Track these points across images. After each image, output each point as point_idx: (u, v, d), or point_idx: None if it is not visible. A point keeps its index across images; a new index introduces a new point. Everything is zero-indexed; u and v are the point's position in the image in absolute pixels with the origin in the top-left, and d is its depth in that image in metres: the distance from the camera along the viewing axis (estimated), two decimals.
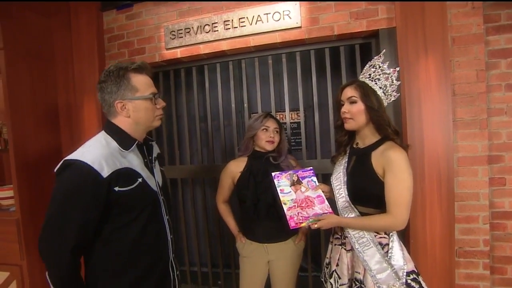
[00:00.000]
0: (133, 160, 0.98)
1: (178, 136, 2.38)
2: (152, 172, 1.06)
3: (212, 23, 1.99)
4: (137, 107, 0.98)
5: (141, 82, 0.98)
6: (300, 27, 1.87)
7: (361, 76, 1.25)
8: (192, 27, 2.04)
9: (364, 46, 1.95)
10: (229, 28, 1.97)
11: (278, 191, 1.27)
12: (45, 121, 2.17)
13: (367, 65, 1.25)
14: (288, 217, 1.18)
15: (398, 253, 1.10)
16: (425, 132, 1.68)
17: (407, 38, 1.68)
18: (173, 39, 2.09)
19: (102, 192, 0.87)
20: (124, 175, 0.92)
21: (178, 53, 2.11)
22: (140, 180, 0.97)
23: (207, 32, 2.01)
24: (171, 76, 2.31)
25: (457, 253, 1.73)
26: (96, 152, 0.89)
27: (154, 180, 1.05)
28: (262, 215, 1.54)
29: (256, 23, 1.92)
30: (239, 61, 2.16)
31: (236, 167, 1.62)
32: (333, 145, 2.01)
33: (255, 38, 1.96)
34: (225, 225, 1.77)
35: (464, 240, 1.73)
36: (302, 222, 1.15)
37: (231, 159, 1.72)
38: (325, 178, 1.97)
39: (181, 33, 2.06)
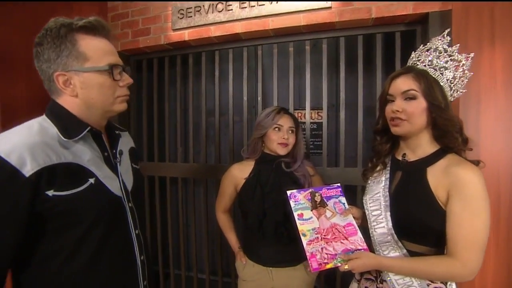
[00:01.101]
0: (83, 153, 0.71)
1: (182, 131, 2.13)
2: (115, 171, 0.78)
3: (226, 1, 1.71)
4: (86, 83, 0.70)
5: (94, 47, 0.70)
6: (330, 7, 1.56)
7: (414, 63, 0.92)
8: (203, 5, 1.77)
9: (406, 35, 1.61)
10: (245, 7, 1.68)
11: (296, 217, 0.96)
12: (41, 103, 1.95)
13: (420, 49, 0.92)
14: (308, 254, 0.87)
15: None
16: (482, 141, 1.33)
17: (467, 25, 1.33)
18: (181, 18, 1.82)
19: (23, 196, 0.60)
20: (64, 173, 0.65)
21: (186, 35, 1.85)
22: (92, 180, 0.70)
23: (219, 11, 1.73)
24: (177, 62, 2.05)
25: None
26: (17, 140, 0.63)
27: (117, 181, 0.77)
28: (269, 234, 1.24)
29: (277, 2, 1.63)
30: (255, 47, 1.87)
31: (240, 172, 1.33)
32: (360, 151, 1.68)
33: (275, 20, 1.66)
34: None
35: None
36: (327, 263, 0.85)
37: (239, 161, 1.44)
38: (349, 191, 1.65)
39: (190, 11, 1.79)
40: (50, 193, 0.63)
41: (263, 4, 1.65)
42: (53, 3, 2.03)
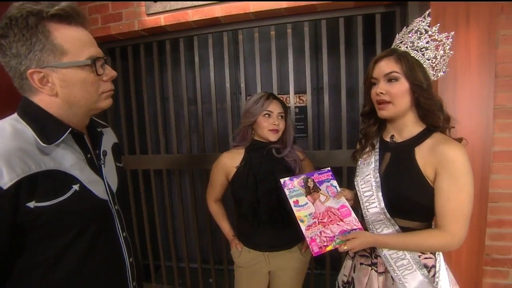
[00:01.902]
0: (65, 158, 0.64)
1: (163, 121, 2.06)
2: (99, 173, 0.73)
3: None
4: (67, 80, 0.62)
5: (71, 39, 0.61)
6: None
7: (397, 45, 0.94)
8: None
9: (386, 16, 1.62)
10: None
11: (292, 204, 0.97)
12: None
13: (403, 31, 0.94)
14: (308, 239, 0.89)
15: (445, 277, 0.86)
16: (458, 121, 1.38)
17: (445, 5, 1.36)
18: (155, 2, 1.71)
19: (3, 211, 0.55)
20: (46, 181, 0.59)
21: (162, 20, 1.75)
22: (76, 187, 0.64)
23: None
24: (154, 50, 1.95)
25: (484, 261, 1.50)
26: None
27: (102, 185, 0.72)
28: (264, 221, 1.26)
29: None
30: (236, 31, 1.82)
31: (230, 161, 1.31)
32: (344, 133, 1.72)
33: (256, 3, 1.61)
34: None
35: (493, 247, 1.50)
36: (327, 245, 0.87)
37: (224, 149, 1.42)
38: (336, 173, 1.69)
39: None
40: (32, 204, 0.57)
41: None
42: None
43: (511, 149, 1.42)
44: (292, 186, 1.01)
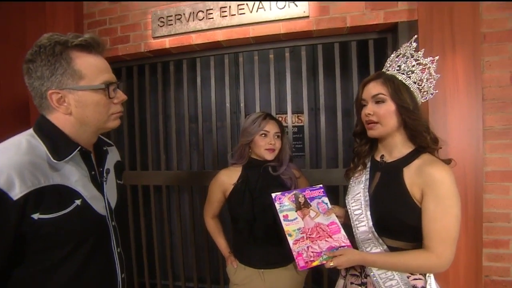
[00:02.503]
0: (71, 174, 0.70)
1: (164, 138, 2.11)
2: (101, 190, 0.77)
3: (207, 9, 1.74)
4: (82, 101, 0.69)
5: (89, 65, 0.69)
6: (307, 16, 1.63)
7: (386, 69, 1.00)
8: (184, 14, 1.78)
9: (378, 42, 1.72)
10: (226, 16, 1.72)
11: (281, 218, 1.00)
12: (12, 114, 1.86)
13: (393, 55, 1.00)
14: (295, 253, 0.91)
15: None
16: (450, 142, 1.44)
17: (432, 33, 1.45)
18: (161, 26, 1.82)
19: (10, 221, 0.58)
20: (51, 195, 0.64)
21: (167, 43, 1.85)
22: (78, 202, 0.68)
23: (200, 20, 1.76)
24: (158, 70, 2.04)
25: (483, 282, 1.49)
26: (5, 159, 0.60)
27: (103, 201, 0.76)
28: (259, 237, 1.27)
29: (257, 11, 1.68)
30: (236, 54, 1.91)
31: (228, 178, 1.34)
32: (340, 152, 1.77)
33: (256, 28, 1.71)
34: None
35: (491, 268, 1.49)
36: (313, 260, 0.89)
37: (223, 166, 1.46)
38: (331, 192, 1.72)
39: (171, 19, 1.80)
40: (36, 216, 0.61)
41: (244, 13, 1.70)
42: (24, 7, 1.96)
43: (502, 169, 1.46)
44: (282, 201, 1.04)
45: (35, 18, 1.99)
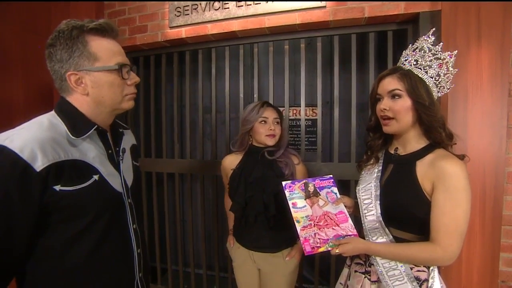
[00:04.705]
0: (89, 151, 0.74)
1: (179, 127, 2.15)
2: (117, 168, 0.82)
3: (223, 0, 1.74)
4: (97, 82, 0.74)
5: (104, 48, 0.74)
6: (324, 6, 1.59)
7: (402, 63, 0.97)
8: (200, 4, 1.79)
9: (398, 34, 1.65)
10: (242, 6, 1.71)
11: (290, 205, 1.02)
12: (38, 101, 1.97)
13: (409, 49, 0.97)
14: (302, 239, 0.93)
15: None
16: (469, 139, 1.38)
17: (456, 23, 1.38)
18: (178, 16, 1.84)
19: (35, 191, 0.63)
20: (71, 169, 0.69)
21: (183, 33, 1.87)
22: (96, 177, 0.73)
23: (216, 10, 1.76)
24: (174, 60, 2.08)
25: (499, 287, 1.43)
26: (29, 135, 0.65)
27: (119, 178, 0.81)
28: (250, 222, 1.33)
29: (273, 1, 1.65)
30: (251, 45, 1.91)
31: (229, 164, 1.43)
32: (353, 147, 1.73)
33: (271, 18, 1.69)
34: (224, 226, 1.58)
35: (509, 273, 1.43)
36: (320, 247, 0.91)
37: None
38: (343, 186, 1.69)
39: (187, 9, 1.82)
40: (57, 187, 0.66)
41: (259, 3, 1.68)
42: (49, 1, 2.04)
43: None
44: (293, 189, 1.06)
45: (60, 11, 2.08)
